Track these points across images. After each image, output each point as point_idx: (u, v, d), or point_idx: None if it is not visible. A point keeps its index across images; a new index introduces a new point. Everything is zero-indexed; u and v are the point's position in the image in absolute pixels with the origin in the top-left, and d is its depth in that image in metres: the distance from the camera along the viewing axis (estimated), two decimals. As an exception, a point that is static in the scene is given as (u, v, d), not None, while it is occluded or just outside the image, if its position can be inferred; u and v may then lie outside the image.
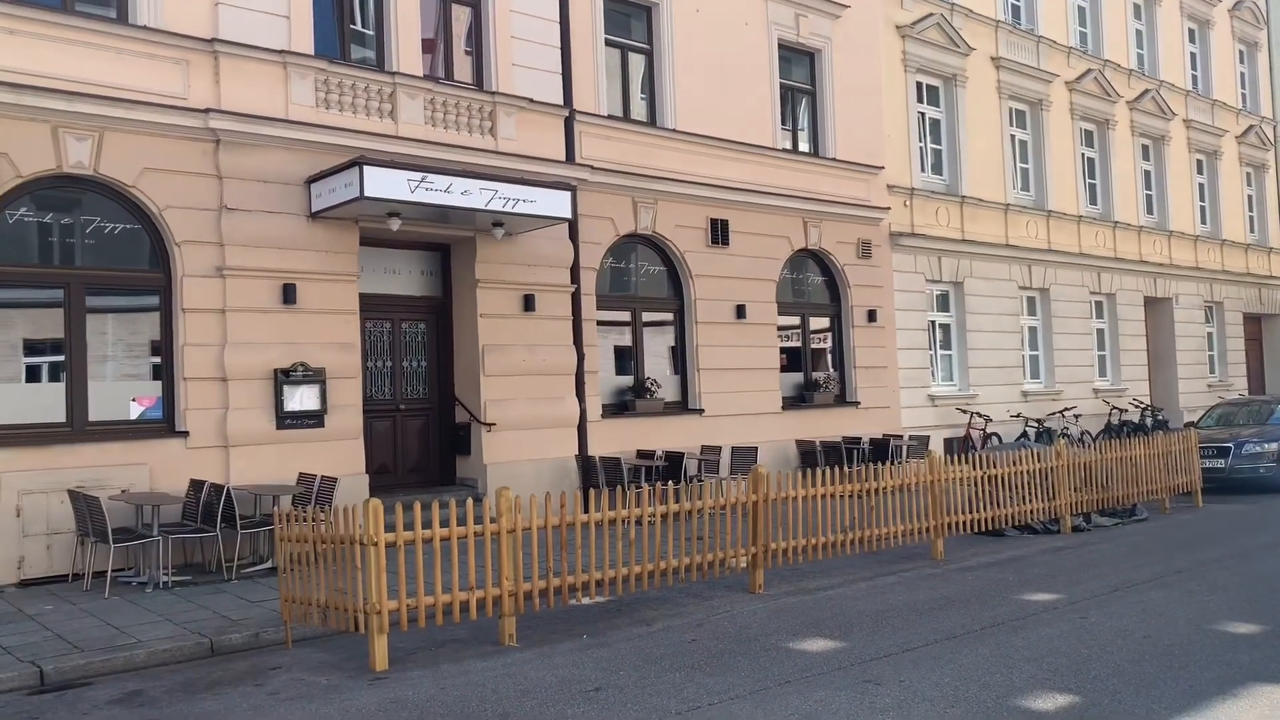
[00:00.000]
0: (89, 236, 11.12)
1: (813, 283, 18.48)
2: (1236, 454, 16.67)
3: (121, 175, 11.03)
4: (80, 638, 7.95)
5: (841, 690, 6.28)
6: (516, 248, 13.98)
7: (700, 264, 16.31)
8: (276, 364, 11.81)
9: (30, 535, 10.30)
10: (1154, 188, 26.72)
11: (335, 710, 6.23)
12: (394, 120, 12.91)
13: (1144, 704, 5.81)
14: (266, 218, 11.85)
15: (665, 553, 8.79)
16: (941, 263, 20.43)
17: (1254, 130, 29.90)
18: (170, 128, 11.29)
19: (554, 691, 6.46)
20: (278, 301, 11.87)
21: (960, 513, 11.48)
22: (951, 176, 21.05)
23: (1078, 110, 24.03)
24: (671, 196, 15.89)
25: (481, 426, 13.61)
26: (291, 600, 7.76)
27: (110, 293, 11.31)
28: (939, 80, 20.97)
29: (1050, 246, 22.90)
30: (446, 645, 7.72)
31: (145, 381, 11.47)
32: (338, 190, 11.71)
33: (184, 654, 7.65)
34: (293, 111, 12.12)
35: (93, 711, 6.40)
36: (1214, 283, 28.07)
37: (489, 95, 13.83)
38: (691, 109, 16.29)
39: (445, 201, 12.03)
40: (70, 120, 10.69)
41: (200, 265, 11.45)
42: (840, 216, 18.33)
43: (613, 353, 15.71)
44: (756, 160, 17.13)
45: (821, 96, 18.55)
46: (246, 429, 11.57)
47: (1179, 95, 27.26)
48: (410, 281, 14.01)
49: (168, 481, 11.00)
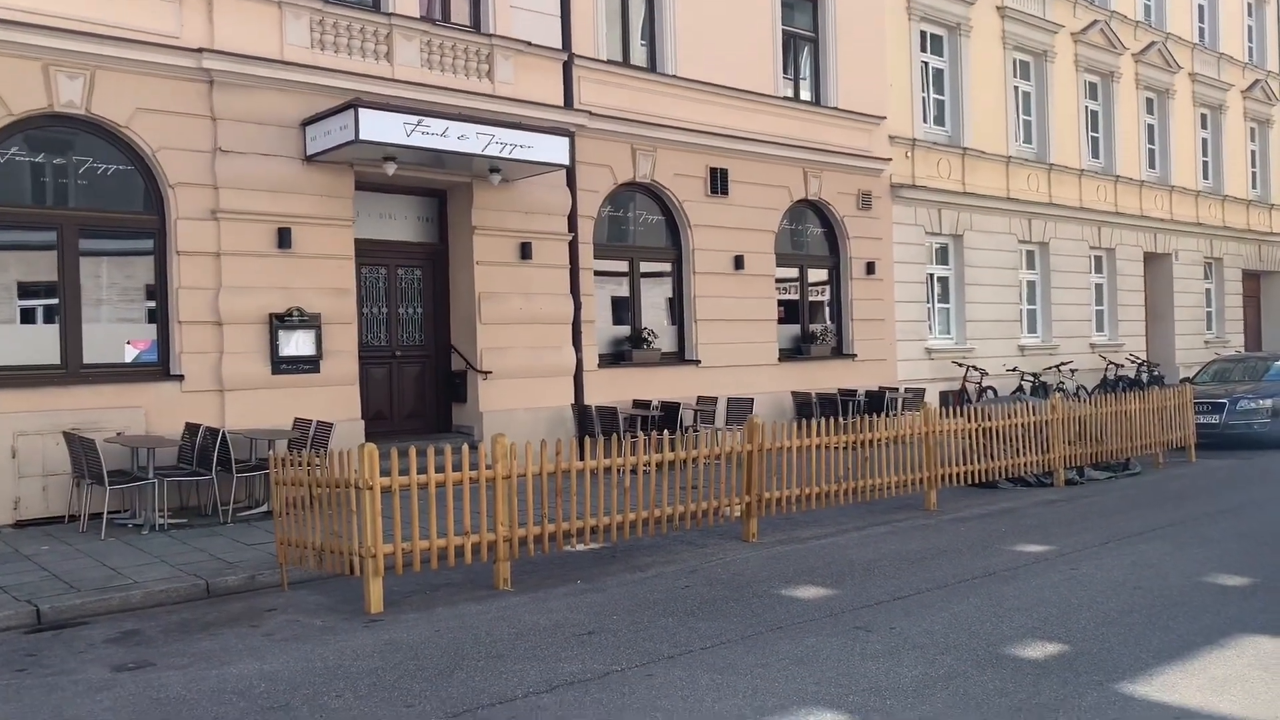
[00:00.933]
0: (81, 178, 11.00)
1: (812, 234, 18.38)
2: (1231, 410, 16.72)
3: (114, 115, 10.89)
4: (76, 578, 7.99)
5: (833, 636, 6.33)
6: (513, 194, 13.87)
7: (699, 214, 16.20)
8: (272, 308, 11.76)
9: (26, 476, 10.31)
10: (1157, 142, 26.51)
11: (330, 651, 6.28)
12: (390, 62, 12.73)
13: (1132, 653, 5.86)
14: (261, 160, 11.73)
15: (660, 501, 8.81)
16: (941, 215, 20.32)
17: (1260, 85, 29.60)
18: (163, 67, 11.13)
19: (548, 635, 6.51)
20: (273, 245, 11.79)
21: (954, 465, 11.51)
22: (953, 128, 20.85)
23: (1082, 62, 23.76)
24: (671, 144, 15.73)
25: (478, 374, 13.60)
26: (287, 543, 7.79)
27: (104, 235, 11.22)
28: (943, 29, 20.70)
29: (1051, 200, 22.77)
30: (441, 589, 7.77)
31: (140, 324, 11.42)
32: (333, 133, 11.58)
33: (180, 595, 7.69)
34: (288, 52, 11.95)
35: (89, 650, 6.45)
36: (1214, 239, 27.96)
37: (486, 38, 13.63)
38: (692, 55, 16.08)
39: (441, 146, 11.91)
40: (61, 58, 10.53)
41: (194, 208, 11.35)
42: (841, 167, 18.18)
43: (610, 302, 15.66)
44: (757, 108, 16.94)
45: (824, 44, 18.31)
46: (242, 373, 11.55)
47: (1185, 48, 26.95)
48: (406, 227, 13.91)
49: (163, 425, 11.00)
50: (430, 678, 5.70)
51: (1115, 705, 5.03)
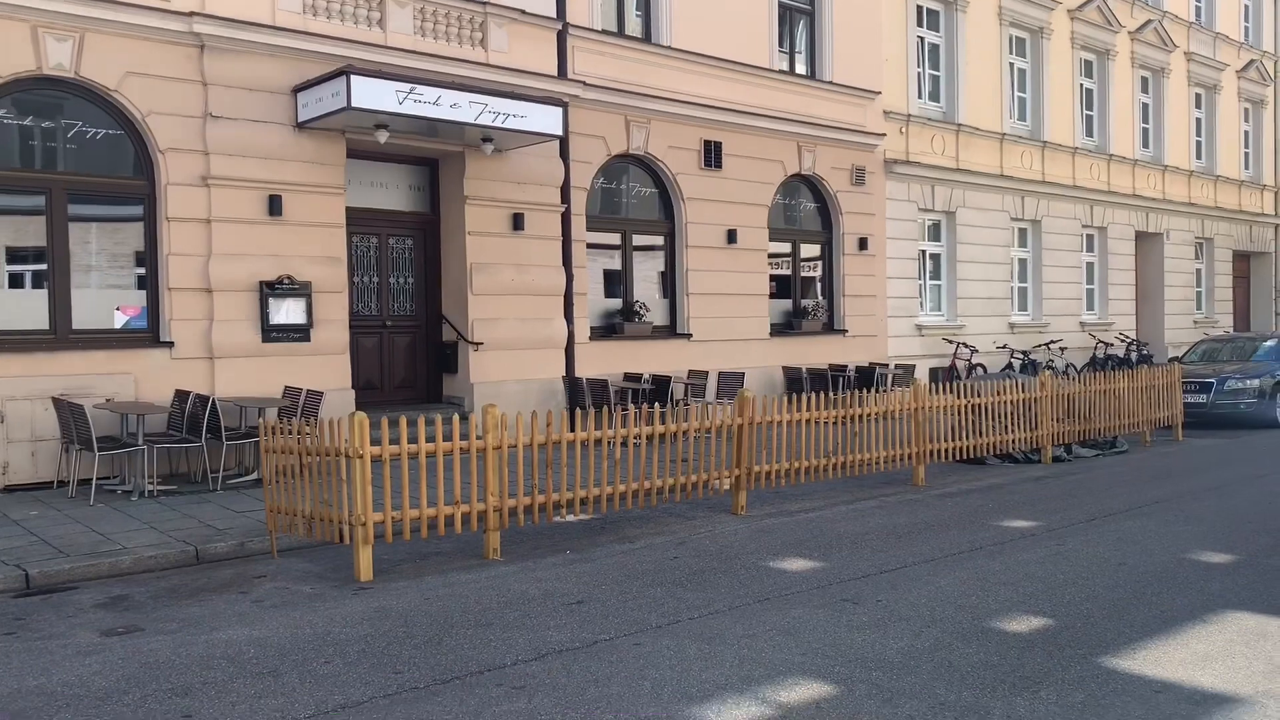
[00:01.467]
0: (71, 141, 10.91)
1: (805, 209, 18.35)
2: (1219, 390, 16.81)
3: (103, 79, 10.78)
4: (65, 543, 7.99)
5: (820, 608, 6.37)
6: (506, 165, 13.80)
7: (692, 187, 16.16)
8: (262, 276, 11.71)
9: (15, 441, 10.29)
10: (1151, 121, 26.49)
11: (320, 618, 6.30)
12: (383, 29, 12.62)
13: (1116, 627, 5.92)
14: (252, 127, 11.64)
15: (650, 473, 8.84)
16: (935, 191, 20.30)
17: (1255, 65, 29.55)
18: (154, 31, 11.01)
19: (537, 603, 6.54)
20: (263, 213, 11.73)
21: (943, 440, 11.56)
22: (948, 104, 20.79)
23: (1078, 39, 23.68)
24: (665, 116, 15.66)
25: (469, 345, 13.58)
26: (277, 511, 7.80)
27: (93, 200, 11.14)
28: (939, 4, 20.59)
29: (1044, 178, 22.76)
30: (431, 558, 7.79)
31: (130, 291, 11.36)
32: (324, 100, 11.50)
33: (169, 561, 7.70)
34: (279, 18, 11.83)
35: (78, 614, 6.46)
36: (1205, 219, 28.01)
37: (480, 6, 13.51)
38: (688, 26, 15.97)
39: (434, 114, 11.83)
40: (50, 20, 10.41)
41: (184, 174, 11.27)
42: (835, 142, 18.13)
43: (602, 275, 15.63)
44: (752, 81, 16.86)
45: (820, 17, 18.21)
46: (232, 341, 11.52)
47: (1181, 27, 26.88)
48: (398, 196, 13.84)
49: (152, 391, 10.97)
50: (419, 645, 5.73)
51: (1099, 678, 5.08)
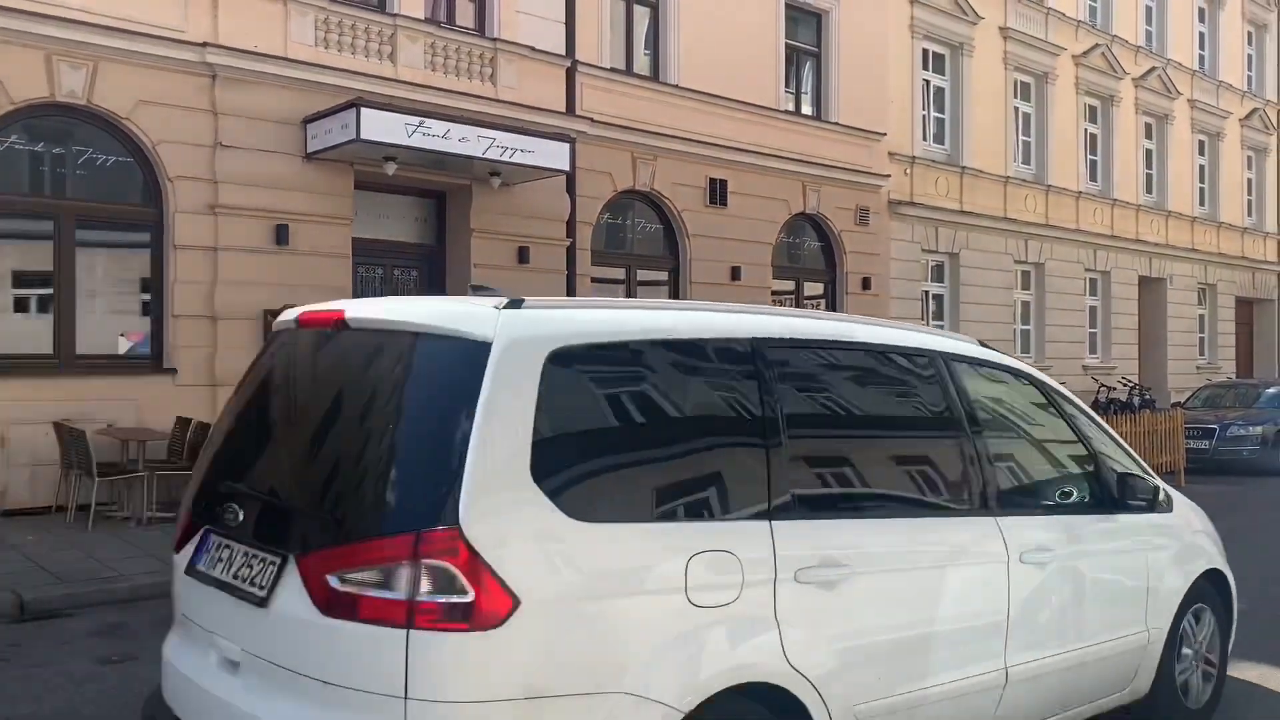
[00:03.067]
0: (80, 168, 10.98)
1: (809, 247, 18.42)
2: (1221, 436, 16.77)
3: (115, 106, 10.87)
4: (62, 569, 7.95)
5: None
6: (513, 198, 13.87)
7: (697, 224, 16.23)
8: (267, 305, 11.72)
9: (15, 466, 10.26)
10: (1155, 167, 26.62)
11: (315, 650, 6.25)
12: (393, 63, 12.74)
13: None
14: (261, 156, 11.72)
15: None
16: (939, 233, 20.37)
17: (1258, 113, 29.76)
18: (167, 60, 11.12)
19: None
20: (270, 242, 11.77)
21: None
22: (953, 146, 20.93)
23: (1083, 85, 23.87)
24: (671, 154, 15.76)
25: (471, 377, 13.56)
26: (275, 540, 7.73)
27: (101, 226, 11.20)
28: (946, 48, 20.78)
29: (1048, 221, 22.84)
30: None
31: (134, 317, 11.40)
32: (334, 131, 11.58)
33: (166, 589, 7.51)
34: (291, 49, 11.95)
35: (73, 641, 6.41)
36: (1209, 265, 28.08)
37: (491, 41, 13.65)
38: (695, 65, 16.11)
39: (442, 148, 11.91)
40: (65, 48, 10.51)
41: (193, 202, 11.33)
42: (840, 182, 18.23)
43: (605, 309, 15.63)
44: (759, 121, 16.98)
45: (827, 59, 18.37)
46: (235, 368, 11.42)
47: (1185, 75, 27.10)
48: (404, 228, 13.90)
49: (154, 418, 10.95)
50: (415, 679, 5.67)
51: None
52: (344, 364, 3.57)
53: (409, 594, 2.82)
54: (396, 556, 2.85)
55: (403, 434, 3.07)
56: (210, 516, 3.58)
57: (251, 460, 3.71)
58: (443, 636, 2.81)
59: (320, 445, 3.47)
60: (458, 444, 2.91)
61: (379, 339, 3.37)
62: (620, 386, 3.36)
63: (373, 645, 2.84)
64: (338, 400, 3.53)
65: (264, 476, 3.62)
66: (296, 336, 3.78)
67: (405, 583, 2.83)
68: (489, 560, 2.84)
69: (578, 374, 3.22)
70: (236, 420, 3.89)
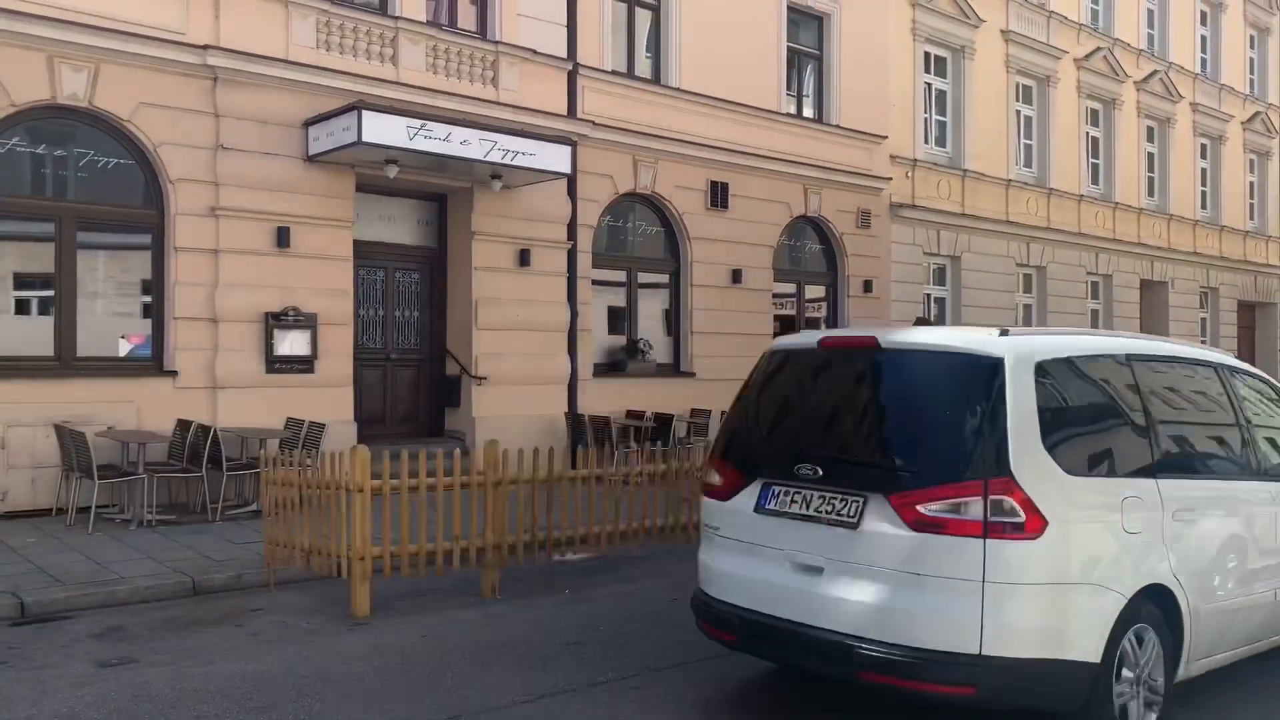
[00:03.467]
0: (82, 170, 10.98)
1: (810, 250, 18.41)
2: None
3: (117, 109, 10.88)
4: (62, 571, 7.94)
5: (821, 654, 6.31)
6: (514, 201, 13.87)
7: (699, 226, 16.22)
8: (268, 307, 11.74)
9: (15, 468, 10.26)
10: (1156, 170, 26.60)
11: (316, 653, 6.25)
12: (395, 66, 12.74)
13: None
14: (262, 159, 11.72)
15: (651, 512, 8.78)
16: (940, 235, 20.36)
17: (1260, 117, 29.74)
18: (168, 63, 11.12)
19: (535, 643, 6.48)
20: (271, 244, 11.77)
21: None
22: (954, 149, 20.92)
23: (1085, 88, 23.86)
24: (672, 156, 15.76)
25: (472, 380, 13.58)
26: (276, 543, 7.76)
27: (102, 228, 11.20)
28: (947, 51, 20.78)
29: (1050, 224, 22.82)
30: (429, 595, 7.73)
31: (135, 319, 11.39)
32: (335, 134, 11.58)
33: (166, 592, 7.65)
34: (293, 52, 11.95)
35: (73, 644, 6.41)
36: (1210, 268, 28.05)
37: (492, 44, 13.65)
38: (697, 68, 16.11)
39: (444, 150, 11.91)
40: (66, 50, 10.51)
41: (194, 204, 11.33)
42: (841, 185, 18.22)
43: (606, 312, 15.65)
44: (760, 124, 16.98)
45: (828, 62, 18.37)
46: (235, 371, 11.52)
47: (1187, 78, 27.08)
48: (405, 230, 13.91)
49: (155, 420, 10.95)
50: (415, 683, 5.67)
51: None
52: (888, 371, 5.13)
53: (983, 517, 4.44)
54: (973, 494, 4.47)
55: (963, 417, 4.70)
56: (767, 473, 5.23)
57: (811, 434, 5.34)
58: (1005, 543, 4.43)
59: (885, 423, 5.13)
60: (999, 424, 4.57)
61: (918, 356, 5.03)
62: (1076, 385, 5.07)
63: (958, 549, 4.47)
64: (893, 394, 5.14)
65: (828, 444, 5.19)
66: (813, 354, 5.55)
67: (980, 510, 4.44)
68: (1030, 495, 4.47)
69: (1053, 377, 4.89)
70: (774, 409, 5.63)
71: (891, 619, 4.57)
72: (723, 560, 5.39)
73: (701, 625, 5.54)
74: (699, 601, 5.55)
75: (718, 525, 5.47)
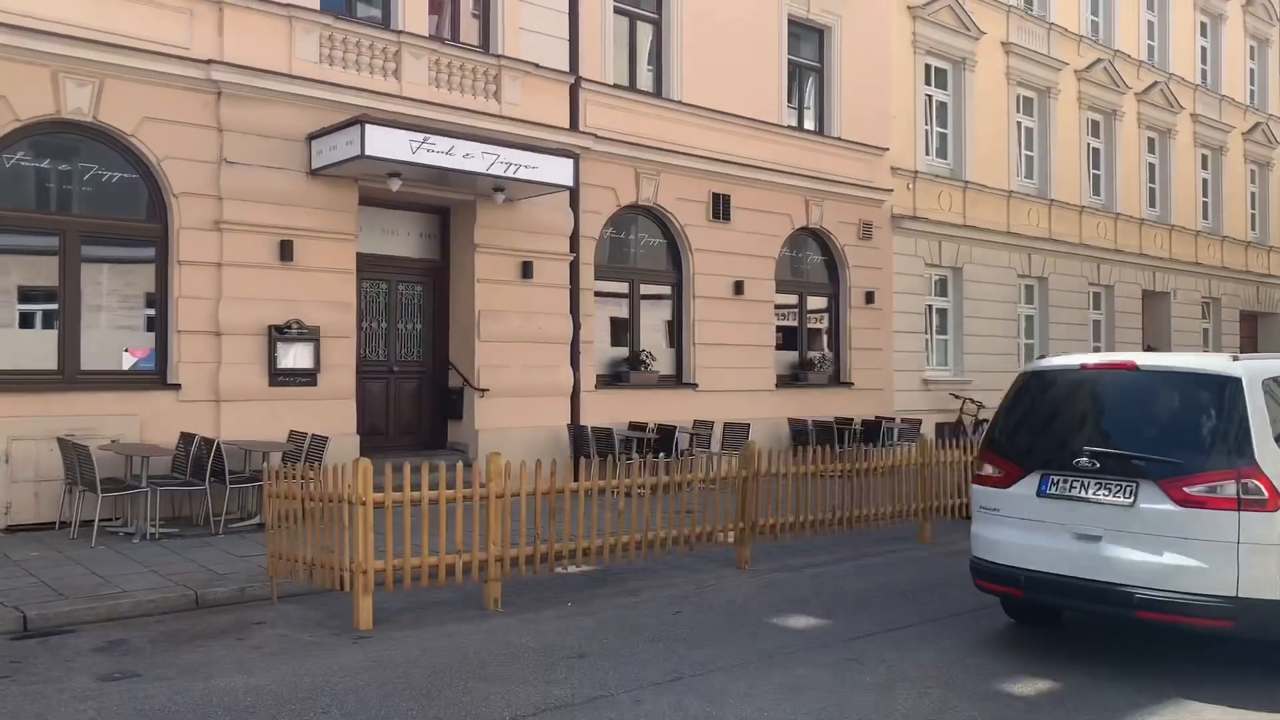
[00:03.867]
0: (86, 184, 11.03)
1: (812, 262, 18.43)
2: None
3: (121, 123, 10.93)
4: (65, 585, 7.94)
5: (823, 667, 6.30)
6: (516, 214, 13.91)
7: (700, 238, 16.25)
8: (271, 320, 11.76)
9: (18, 482, 10.27)
10: (1157, 181, 26.63)
11: (318, 667, 6.24)
12: (398, 80, 12.79)
13: (1123, 691, 5.84)
14: (266, 173, 11.76)
15: (654, 524, 8.78)
16: (942, 247, 20.38)
17: (1260, 127, 29.78)
18: (172, 77, 11.18)
19: (537, 657, 6.47)
20: (274, 258, 11.81)
21: (950, 496, 11.49)
22: (956, 161, 20.96)
23: (1085, 100, 23.91)
24: (674, 169, 15.80)
25: (475, 392, 13.59)
26: (278, 556, 7.76)
27: (106, 242, 11.24)
28: (948, 63, 20.83)
29: (1051, 235, 22.84)
30: (431, 608, 7.73)
31: (139, 333, 11.42)
32: (339, 148, 11.63)
33: (169, 605, 7.65)
34: (296, 66, 12.01)
35: (75, 659, 6.41)
36: (1212, 279, 28.05)
37: (495, 58, 13.71)
38: (698, 81, 16.17)
39: (446, 164, 11.96)
40: (71, 65, 10.57)
41: (198, 218, 11.37)
42: (842, 196, 18.25)
43: (609, 324, 15.68)
44: (761, 136, 17.02)
45: (829, 74, 18.43)
46: (239, 384, 11.54)
47: (1187, 89, 27.13)
48: (408, 243, 13.94)
49: (158, 433, 10.97)
50: (417, 697, 5.67)
51: (1106, 745, 5.03)
52: (1147, 387, 6.64)
53: (1237, 495, 5.89)
54: (1229, 478, 5.93)
55: (1215, 421, 6.18)
56: (1045, 466, 6.68)
57: (1083, 435, 6.73)
58: (1254, 515, 5.85)
59: (1149, 426, 6.52)
60: (1244, 426, 6.05)
61: (1172, 377, 6.59)
62: None
63: (1217, 520, 5.91)
64: (1153, 405, 6.56)
65: (1100, 443, 6.54)
66: (1077, 374, 7.05)
67: (1234, 490, 5.89)
68: (1271, 478, 5.90)
69: (1277, 390, 6.31)
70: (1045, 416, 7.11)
71: (1164, 571, 5.99)
72: (1004, 533, 6.83)
73: (981, 584, 7.04)
74: (980, 566, 7.02)
75: (996, 507, 6.95)
